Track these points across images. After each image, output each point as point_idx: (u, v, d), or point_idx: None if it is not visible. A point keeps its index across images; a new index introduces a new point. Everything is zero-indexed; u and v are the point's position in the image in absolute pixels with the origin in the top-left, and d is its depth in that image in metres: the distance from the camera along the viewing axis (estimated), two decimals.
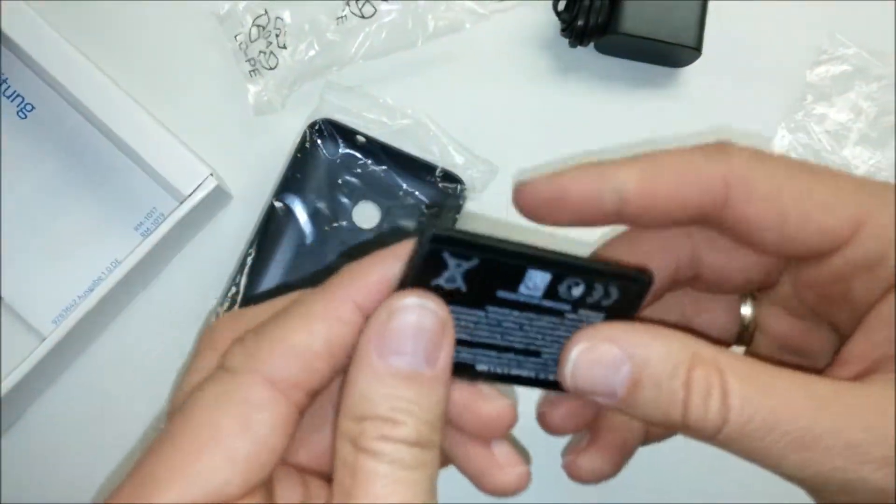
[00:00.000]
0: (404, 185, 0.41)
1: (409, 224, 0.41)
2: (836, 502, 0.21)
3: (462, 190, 0.41)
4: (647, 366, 0.21)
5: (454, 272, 0.21)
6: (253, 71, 0.42)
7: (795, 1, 0.45)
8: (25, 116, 0.42)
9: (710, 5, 0.41)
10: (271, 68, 0.42)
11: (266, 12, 0.42)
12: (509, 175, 0.43)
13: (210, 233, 0.43)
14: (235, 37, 0.42)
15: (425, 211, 0.41)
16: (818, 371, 0.23)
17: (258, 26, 0.42)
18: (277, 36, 0.42)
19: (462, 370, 0.22)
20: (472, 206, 0.42)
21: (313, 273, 0.41)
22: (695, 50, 0.41)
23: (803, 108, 0.44)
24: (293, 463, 0.23)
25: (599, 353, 0.21)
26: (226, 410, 0.20)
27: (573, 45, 0.43)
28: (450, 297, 0.21)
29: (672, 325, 0.22)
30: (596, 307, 0.22)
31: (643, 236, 0.26)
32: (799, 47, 0.44)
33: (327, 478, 0.23)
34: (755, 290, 0.27)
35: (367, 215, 0.41)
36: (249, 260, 0.40)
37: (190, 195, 0.39)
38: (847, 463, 0.20)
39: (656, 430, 0.27)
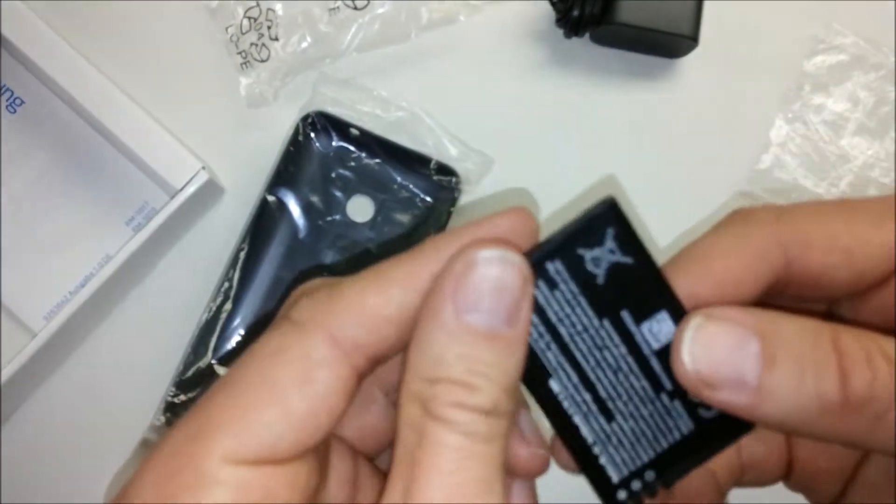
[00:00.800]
0: (398, 179, 0.41)
1: (403, 218, 0.41)
2: None
3: (457, 182, 0.41)
4: (781, 337, 0.18)
5: (604, 254, 0.19)
6: (245, 63, 0.41)
7: None
8: (15, 111, 0.42)
9: None
10: (263, 60, 0.41)
11: (258, 4, 0.41)
12: (504, 167, 0.42)
13: (202, 227, 0.42)
14: (227, 29, 0.41)
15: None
16: None
17: (249, 18, 0.41)
18: (269, 28, 0.41)
19: (533, 376, 0.20)
20: (467, 199, 0.42)
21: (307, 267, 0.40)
22: (692, 40, 0.41)
23: (801, 99, 0.44)
24: (343, 437, 0.22)
25: (719, 330, 0.18)
26: (285, 363, 0.19)
27: (568, 35, 0.42)
28: (582, 282, 0.20)
29: None
30: (691, 408, 0.20)
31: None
32: (796, 37, 0.44)
33: (370, 458, 0.22)
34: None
35: (361, 209, 0.41)
36: (242, 254, 0.40)
37: (181, 189, 0.38)
38: None
39: (747, 471, 0.24)
